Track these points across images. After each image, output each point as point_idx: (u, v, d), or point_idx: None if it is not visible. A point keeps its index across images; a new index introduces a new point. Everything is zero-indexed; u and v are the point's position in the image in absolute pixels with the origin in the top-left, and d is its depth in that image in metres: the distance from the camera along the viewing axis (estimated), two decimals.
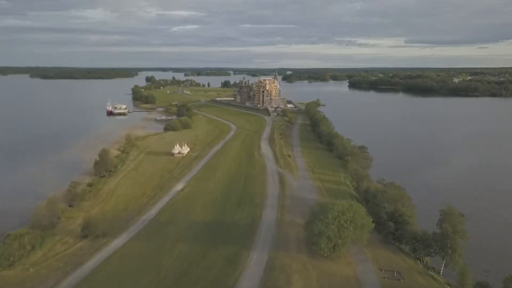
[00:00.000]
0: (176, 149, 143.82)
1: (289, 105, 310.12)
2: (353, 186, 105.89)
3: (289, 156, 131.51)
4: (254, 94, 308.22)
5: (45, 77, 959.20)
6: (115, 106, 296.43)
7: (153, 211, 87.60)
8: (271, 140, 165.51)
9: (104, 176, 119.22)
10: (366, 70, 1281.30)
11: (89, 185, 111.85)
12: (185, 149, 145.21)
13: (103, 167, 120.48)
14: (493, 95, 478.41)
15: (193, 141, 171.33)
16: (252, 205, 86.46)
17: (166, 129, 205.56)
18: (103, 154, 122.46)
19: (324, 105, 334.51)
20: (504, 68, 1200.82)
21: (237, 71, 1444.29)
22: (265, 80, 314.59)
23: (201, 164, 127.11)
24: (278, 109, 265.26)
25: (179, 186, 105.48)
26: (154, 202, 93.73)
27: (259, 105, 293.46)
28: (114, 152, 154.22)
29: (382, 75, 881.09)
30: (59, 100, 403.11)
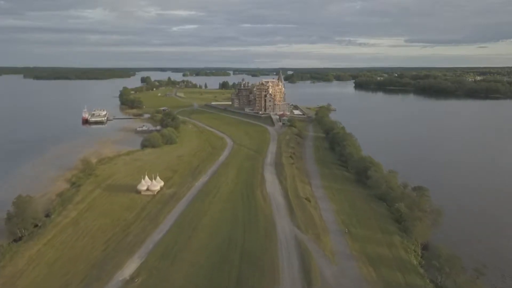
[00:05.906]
0: (144, 184, 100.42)
1: (296, 111, 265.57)
2: (423, 268, 62.44)
3: (308, 200, 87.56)
4: (254, 99, 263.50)
5: (38, 77, 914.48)
6: (93, 112, 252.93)
7: None
8: (278, 166, 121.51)
9: (20, 238, 76.11)
10: (368, 70, 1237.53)
11: None
12: (157, 184, 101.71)
13: (20, 224, 77.11)
14: None
15: (174, 165, 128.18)
16: None
17: (144, 145, 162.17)
18: (21, 202, 78.92)
19: (335, 110, 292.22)
20: None
21: (236, 71, 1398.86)
22: (268, 81, 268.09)
23: (175, 215, 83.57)
24: (284, 117, 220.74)
25: (129, 268, 62.38)
26: None
27: (260, 112, 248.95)
28: (61, 186, 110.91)
29: (386, 75, 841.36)
30: (34, 103, 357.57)
